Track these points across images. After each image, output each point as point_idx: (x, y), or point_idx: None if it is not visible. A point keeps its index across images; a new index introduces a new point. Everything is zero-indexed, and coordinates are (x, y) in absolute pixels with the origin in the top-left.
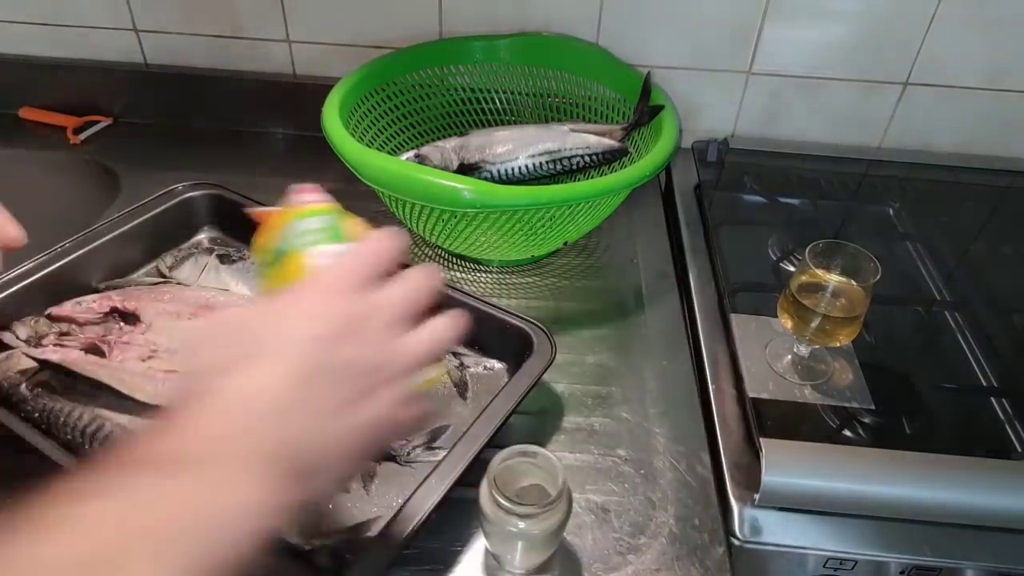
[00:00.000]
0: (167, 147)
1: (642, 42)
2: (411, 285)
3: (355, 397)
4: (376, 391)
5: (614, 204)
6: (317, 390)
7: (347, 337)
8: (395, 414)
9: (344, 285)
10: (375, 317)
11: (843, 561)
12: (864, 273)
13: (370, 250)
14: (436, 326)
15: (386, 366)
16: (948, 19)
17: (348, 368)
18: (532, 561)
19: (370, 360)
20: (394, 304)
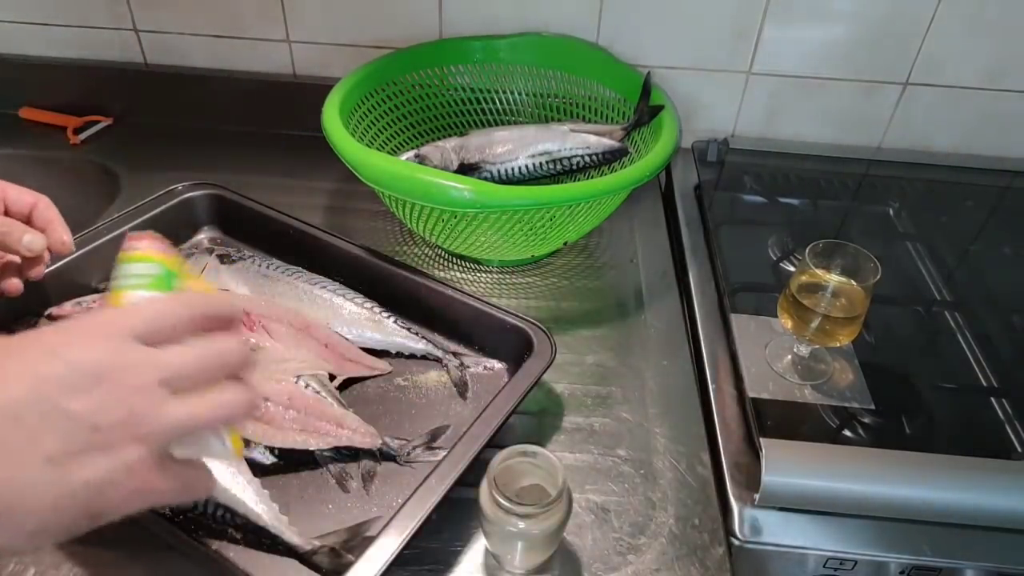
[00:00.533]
0: (167, 147)
1: (642, 42)
2: (213, 350)
3: (81, 452)
4: (112, 450)
5: (614, 204)
6: (29, 431)
7: (95, 383)
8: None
9: (122, 328)
10: (142, 372)
11: (843, 561)
12: (864, 273)
13: (184, 301)
14: (222, 394)
15: (133, 424)
16: (948, 19)
17: (79, 419)
18: (532, 561)
19: (114, 415)
20: (178, 364)
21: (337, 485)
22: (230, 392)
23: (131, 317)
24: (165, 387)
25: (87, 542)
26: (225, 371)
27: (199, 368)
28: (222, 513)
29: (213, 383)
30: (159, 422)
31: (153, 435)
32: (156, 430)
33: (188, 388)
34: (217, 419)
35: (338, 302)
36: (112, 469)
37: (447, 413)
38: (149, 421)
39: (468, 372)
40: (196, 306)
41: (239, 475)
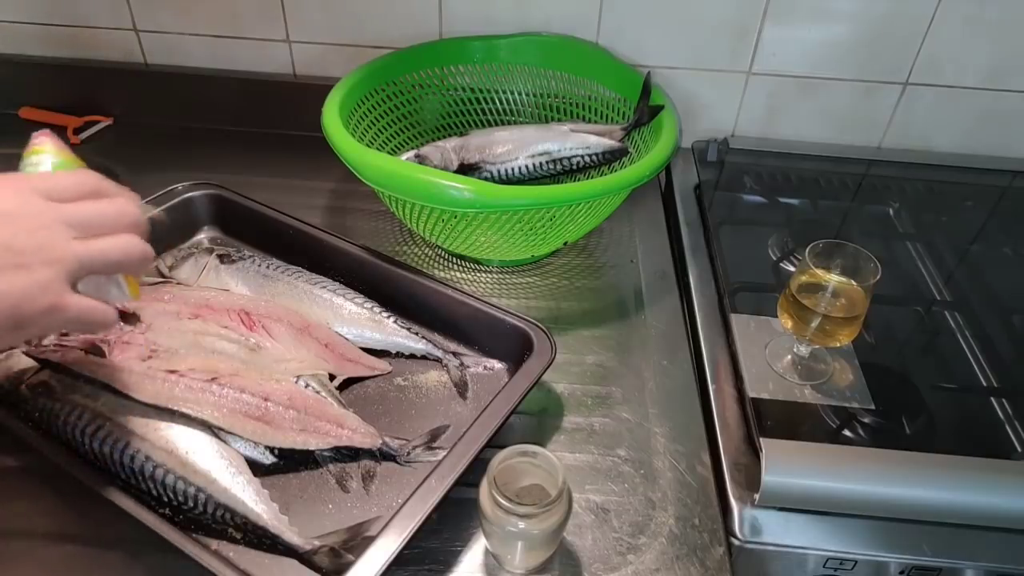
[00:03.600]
0: (167, 147)
1: (642, 42)
2: (110, 205)
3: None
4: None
5: (614, 204)
6: None
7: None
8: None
9: (36, 186)
10: (47, 214)
11: (843, 561)
12: (864, 273)
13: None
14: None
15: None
16: (948, 19)
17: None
18: (532, 561)
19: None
20: (77, 211)
21: (337, 485)
22: (128, 237)
23: (34, 179)
24: (70, 228)
25: (87, 542)
26: (123, 224)
27: (99, 216)
28: (222, 513)
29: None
30: (67, 250)
31: (62, 260)
32: (65, 256)
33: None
34: (117, 258)
35: (338, 302)
36: (27, 283)
37: (447, 413)
38: (58, 248)
39: (468, 372)
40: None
41: (239, 475)
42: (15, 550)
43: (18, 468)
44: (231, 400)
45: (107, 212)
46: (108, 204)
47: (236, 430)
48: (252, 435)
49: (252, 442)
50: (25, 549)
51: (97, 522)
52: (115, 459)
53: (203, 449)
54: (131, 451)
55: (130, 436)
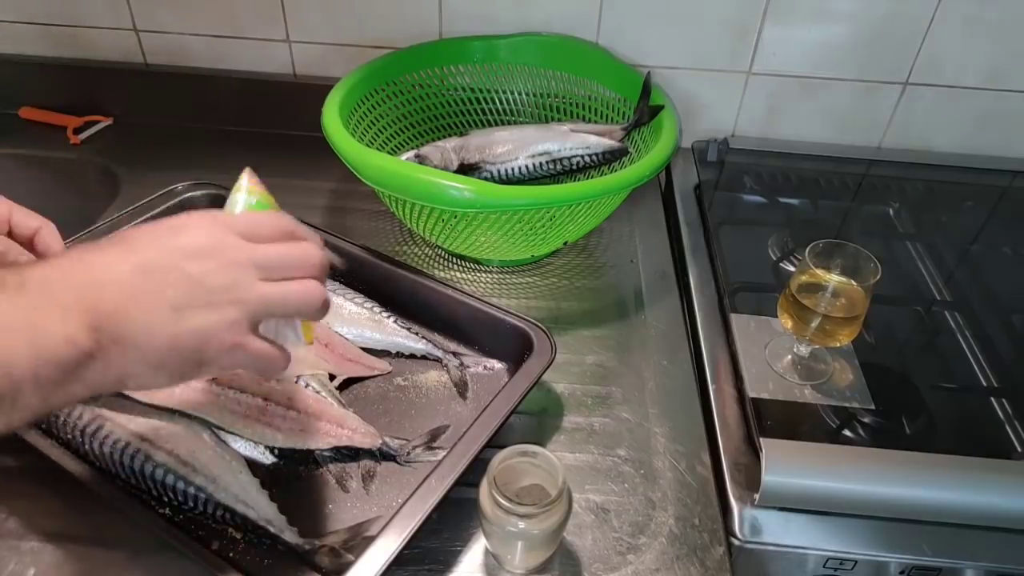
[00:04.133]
0: (167, 147)
1: (642, 42)
2: (297, 249)
3: (194, 305)
4: (216, 307)
5: (614, 204)
6: (157, 282)
7: (205, 255)
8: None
9: (231, 224)
10: (239, 253)
11: (843, 561)
12: (864, 273)
13: (281, 219)
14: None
15: (233, 290)
16: (948, 19)
17: (195, 279)
18: (532, 561)
19: (219, 280)
20: (267, 252)
21: (337, 485)
22: (310, 283)
23: (232, 217)
24: (258, 269)
25: (87, 542)
26: (306, 268)
27: (285, 259)
28: (222, 513)
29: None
30: (253, 291)
31: (248, 302)
32: (250, 298)
33: (275, 276)
34: (298, 303)
35: (338, 302)
36: (216, 322)
37: (447, 413)
38: (245, 289)
39: (468, 372)
40: (286, 222)
41: (239, 475)
42: (15, 550)
43: (18, 468)
44: (231, 400)
45: (294, 255)
46: (295, 248)
47: (236, 430)
48: (252, 435)
49: (252, 442)
50: (25, 549)
51: (97, 522)
52: (115, 459)
53: (203, 449)
54: (131, 451)
55: (130, 436)
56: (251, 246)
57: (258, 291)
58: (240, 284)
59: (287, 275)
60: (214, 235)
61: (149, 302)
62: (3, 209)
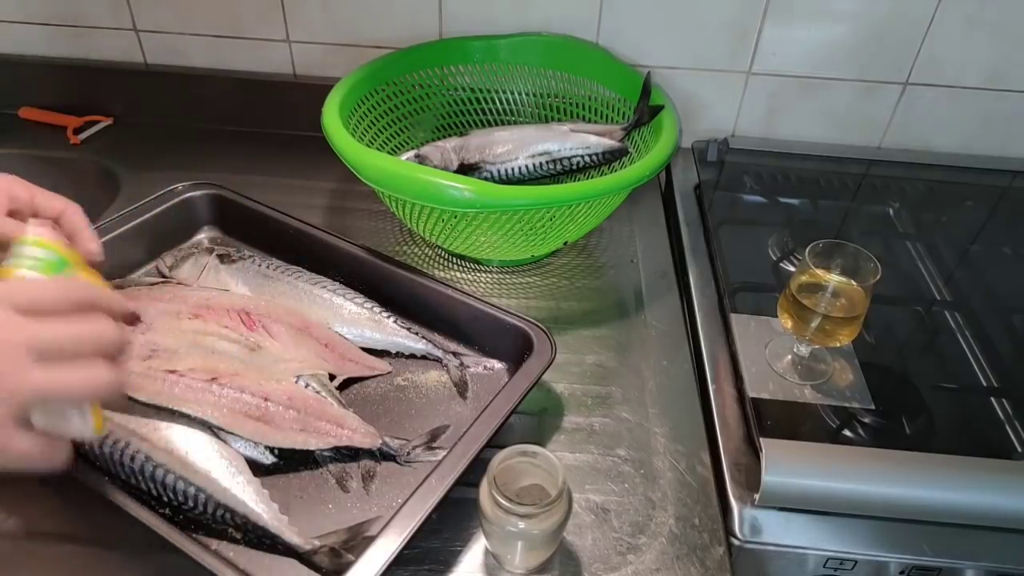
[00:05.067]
0: (167, 147)
1: (642, 42)
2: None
3: None
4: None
5: (614, 204)
6: None
7: None
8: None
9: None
10: (11, 334)
11: (843, 561)
12: (864, 273)
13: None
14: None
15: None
16: (948, 19)
17: None
18: (532, 561)
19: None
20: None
21: (337, 485)
22: (96, 368)
23: (11, 290)
24: (32, 354)
25: (87, 542)
26: (97, 349)
27: (69, 341)
28: (222, 513)
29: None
30: (20, 384)
31: (13, 396)
32: (16, 390)
33: (56, 360)
34: (79, 392)
35: (338, 302)
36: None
37: (447, 413)
38: (14, 379)
39: (468, 372)
40: (77, 290)
41: (239, 475)
42: (16, 550)
43: None
44: (231, 400)
45: (82, 335)
46: (84, 326)
47: (236, 430)
48: (252, 435)
49: (252, 442)
50: (25, 549)
51: (97, 522)
52: (115, 459)
53: (203, 449)
54: (131, 451)
55: (130, 436)
56: (28, 325)
57: (31, 381)
58: (7, 373)
59: (73, 356)
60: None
61: None
62: (25, 192)
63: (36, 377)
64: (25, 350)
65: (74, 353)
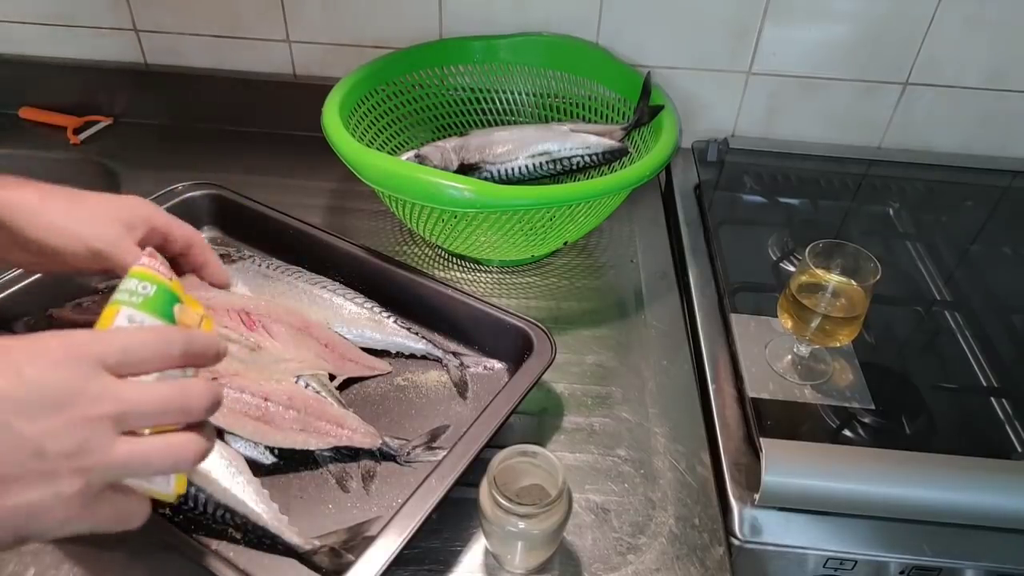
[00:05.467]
0: (167, 147)
1: (642, 42)
2: (177, 393)
3: (23, 478)
4: (52, 479)
5: (614, 204)
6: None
7: (52, 408)
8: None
9: (91, 354)
10: (100, 405)
11: (843, 561)
12: (864, 273)
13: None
14: (176, 441)
15: (79, 456)
16: (948, 19)
17: (29, 443)
18: (532, 561)
19: (64, 444)
20: (137, 402)
21: (337, 485)
22: (184, 440)
23: (103, 344)
24: (120, 424)
25: (87, 542)
26: (186, 417)
27: (159, 410)
28: (222, 513)
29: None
30: (105, 459)
31: (96, 471)
32: (100, 466)
33: (144, 427)
34: (163, 467)
35: (338, 302)
36: (46, 498)
37: (447, 413)
38: (96, 457)
39: (468, 372)
40: (174, 343)
41: (239, 475)
42: (15, 550)
43: None
44: (231, 400)
45: (172, 402)
46: (176, 392)
47: (236, 430)
48: (252, 435)
49: (252, 442)
50: (25, 549)
51: None
52: None
53: None
54: None
55: None
56: (118, 392)
57: (115, 455)
58: (91, 447)
59: (158, 424)
60: (70, 376)
61: None
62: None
63: (123, 451)
64: (112, 422)
65: (163, 421)
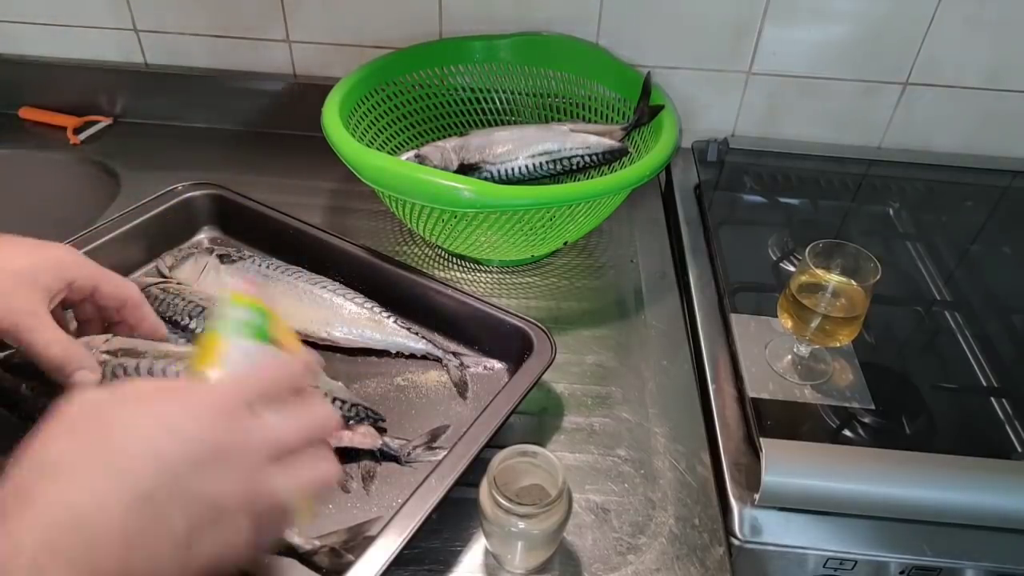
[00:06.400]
0: (167, 147)
1: (642, 42)
2: (307, 421)
3: (204, 527)
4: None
5: (614, 204)
6: (162, 519)
7: (213, 465)
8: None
9: (236, 401)
10: (254, 449)
11: (843, 561)
12: (864, 273)
13: (283, 369)
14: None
15: (250, 503)
16: (948, 19)
17: (207, 499)
18: (532, 561)
19: (231, 496)
20: (284, 438)
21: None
22: (325, 465)
23: (242, 389)
24: (273, 460)
25: None
26: (325, 436)
27: (301, 440)
28: None
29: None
30: (271, 497)
31: (260, 502)
32: (267, 504)
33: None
34: (315, 489)
35: (338, 302)
36: (229, 540)
37: (447, 413)
38: (263, 498)
39: (468, 372)
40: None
41: None
42: None
43: None
44: None
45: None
46: (308, 417)
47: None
48: None
49: None
50: None
51: None
52: None
53: None
54: None
55: None
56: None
57: (277, 493)
58: (258, 492)
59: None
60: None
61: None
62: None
63: (279, 488)
64: (265, 456)
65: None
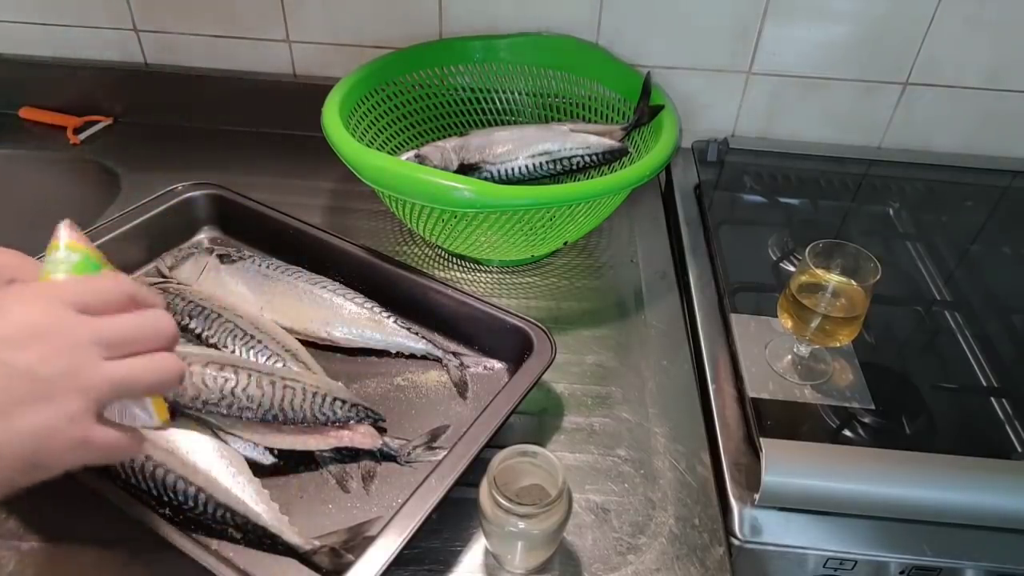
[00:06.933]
0: (167, 147)
1: (642, 42)
2: (147, 319)
3: (25, 401)
4: (54, 399)
5: (614, 204)
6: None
7: (36, 339)
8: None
9: (62, 296)
10: (78, 331)
11: (843, 561)
12: (864, 273)
13: (116, 280)
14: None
15: (74, 376)
16: (948, 19)
17: (24, 371)
18: (532, 561)
19: (56, 366)
20: (111, 328)
21: (337, 485)
22: (164, 357)
23: (66, 287)
24: (101, 348)
25: (87, 542)
26: (157, 341)
27: (132, 334)
28: (222, 513)
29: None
30: (98, 375)
31: (92, 388)
32: (95, 383)
33: (121, 352)
34: (151, 383)
35: (338, 302)
36: (54, 417)
37: (447, 413)
38: (88, 374)
39: (468, 372)
40: (126, 286)
41: (239, 475)
42: (15, 550)
43: None
44: None
45: (144, 327)
46: (144, 318)
47: (236, 430)
48: (252, 435)
49: (252, 442)
50: (25, 549)
51: (97, 522)
52: None
53: (203, 449)
54: None
55: None
56: (91, 321)
57: (104, 373)
58: (82, 367)
59: (135, 350)
60: (45, 312)
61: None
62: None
63: (109, 369)
64: (95, 347)
65: (139, 344)
